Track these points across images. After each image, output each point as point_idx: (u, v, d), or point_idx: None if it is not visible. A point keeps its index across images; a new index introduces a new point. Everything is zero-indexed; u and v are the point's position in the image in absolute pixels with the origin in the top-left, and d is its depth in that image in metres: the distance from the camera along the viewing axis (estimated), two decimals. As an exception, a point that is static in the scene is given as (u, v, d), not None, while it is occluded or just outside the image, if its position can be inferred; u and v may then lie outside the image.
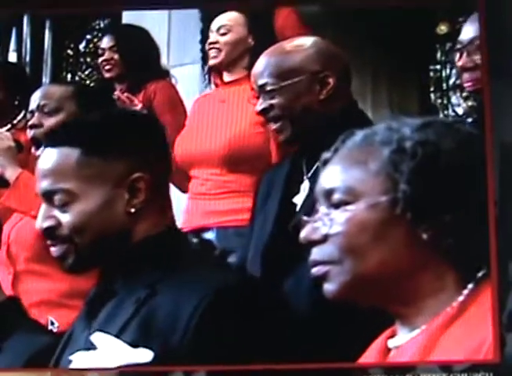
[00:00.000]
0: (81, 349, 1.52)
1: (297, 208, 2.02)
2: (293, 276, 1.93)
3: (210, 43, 2.85)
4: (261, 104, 2.08)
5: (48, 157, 1.58)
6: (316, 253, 1.27)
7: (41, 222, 1.57)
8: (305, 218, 1.29)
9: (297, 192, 2.04)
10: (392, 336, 1.28)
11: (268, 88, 2.06)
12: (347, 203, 1.24)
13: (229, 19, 2.85)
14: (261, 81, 2.08)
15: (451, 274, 1.24)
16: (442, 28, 3.77)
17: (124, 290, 1.54)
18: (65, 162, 1.56)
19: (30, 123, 2.40)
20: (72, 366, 1.53)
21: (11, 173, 2.35)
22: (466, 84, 2.22)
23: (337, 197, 1.25)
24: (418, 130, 1.26)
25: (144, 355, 1.45)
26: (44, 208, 1.58)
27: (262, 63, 2.10)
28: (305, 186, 2.04)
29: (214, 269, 1.59)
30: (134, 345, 1.47)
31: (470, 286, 1.24)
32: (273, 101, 2.05)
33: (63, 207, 1.55)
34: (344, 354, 1.76)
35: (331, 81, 2.04)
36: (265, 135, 2.59)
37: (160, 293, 1.50)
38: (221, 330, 1.45)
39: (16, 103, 3.01)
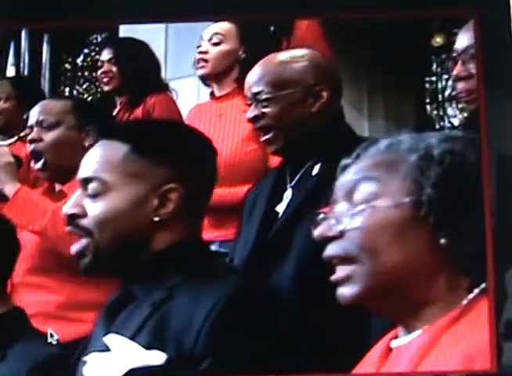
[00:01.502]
0: (96, 351, 1.52)
1: (279, 216, 2.02)
2: (272, 279, 1.94)
3: (200, 52, 2.84)
4: (252, 111, 2.08)
5: (99, 148, 1.61)
6: (331, 249, 1.27)
7: (69, 208, 1.59)
8: (321, 215, 1.29)
9: (280, 201, 2.05)
10: (396, 337, 1.29)
11: (263, 96, 2.06)
12: (369, 201, 1.25)
13: (222, 28, 2.82)
14: (256, 89, 2.08)
15: (464, 281, 1.25)
16: (438, 40, 3.78)
17: (143, 294, 1.55)
18: (112, 154, 1.58)
19: (29, 137, 2.41)
20: (86, 367, 1.52)
21: (10, 188, 2.35)
22: (460, 95, 2.22)
23: (359, 194, 1.26)
24: (444, 141, 1.28)
25: (157, 357, 1.46)
26: (76, 195, 1.60)
27: (259, 71, 2.10)
28: (288, 194, 2.05)
29: (230, 276, 1.60)
30: (147, 347, 1.47)
31: (476, 291, 1.24)
32: (266, 110, 2.06)
33: (95, 197, 1.57)
34: (321, 357, 1.76)
35: (325, 94, 2.05)
36: (258, 151, 2.60)
37: (176, 297, 1.51)
38: (234, 336, 1.45)
39: (24, 117, 3.02)
